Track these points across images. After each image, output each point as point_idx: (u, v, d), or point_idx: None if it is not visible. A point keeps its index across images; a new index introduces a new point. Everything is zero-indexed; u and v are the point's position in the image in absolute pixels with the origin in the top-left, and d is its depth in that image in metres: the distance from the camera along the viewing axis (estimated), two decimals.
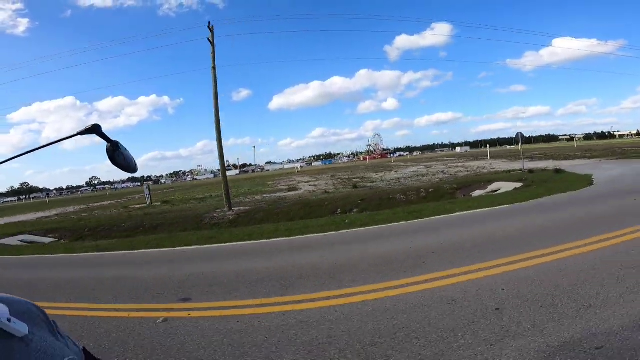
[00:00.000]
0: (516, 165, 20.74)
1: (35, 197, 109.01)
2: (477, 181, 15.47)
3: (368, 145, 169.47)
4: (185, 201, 21.53)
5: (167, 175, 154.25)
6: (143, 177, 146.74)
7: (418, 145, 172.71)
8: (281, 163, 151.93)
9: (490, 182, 14.56)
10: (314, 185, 23.30)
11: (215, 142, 14.25)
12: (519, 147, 17.64)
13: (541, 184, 12.14)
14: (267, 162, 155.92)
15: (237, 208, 14.04)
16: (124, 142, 0.74)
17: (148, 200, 21.68)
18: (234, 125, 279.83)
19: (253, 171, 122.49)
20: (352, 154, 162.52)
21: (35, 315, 0.59)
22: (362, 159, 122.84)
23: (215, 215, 13.27)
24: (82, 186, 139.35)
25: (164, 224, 12.37)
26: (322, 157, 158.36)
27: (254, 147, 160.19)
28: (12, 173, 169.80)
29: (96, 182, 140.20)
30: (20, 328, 0.50)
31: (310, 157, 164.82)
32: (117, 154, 0.67)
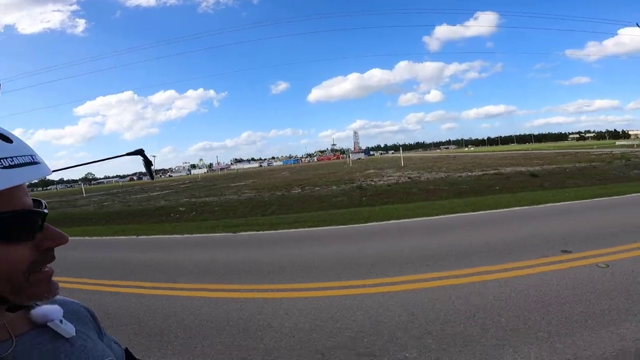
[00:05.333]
0: None
1: (48, 189, 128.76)
2: None
3: (333, 145, 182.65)
4: None
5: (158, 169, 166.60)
6: (136, 173, 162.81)
7: (466, 138, 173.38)
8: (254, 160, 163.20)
9: None
10: None
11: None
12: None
13: None
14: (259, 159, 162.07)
15: None
16: (177, 132, 1.67)
17: None
18: (274, 118, 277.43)
19: (220, 169, 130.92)
20: (314, 152, 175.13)
21: (84, 315, 0.65)
22: (316, 160, 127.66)
23: None
24: (78, 180, 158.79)
25: None
26: (282, 158, 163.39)
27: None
28: None
29: (91, 177, 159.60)
30: (69, 329, 0.56)
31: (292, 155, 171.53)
32: (149, 168, 0.88)
